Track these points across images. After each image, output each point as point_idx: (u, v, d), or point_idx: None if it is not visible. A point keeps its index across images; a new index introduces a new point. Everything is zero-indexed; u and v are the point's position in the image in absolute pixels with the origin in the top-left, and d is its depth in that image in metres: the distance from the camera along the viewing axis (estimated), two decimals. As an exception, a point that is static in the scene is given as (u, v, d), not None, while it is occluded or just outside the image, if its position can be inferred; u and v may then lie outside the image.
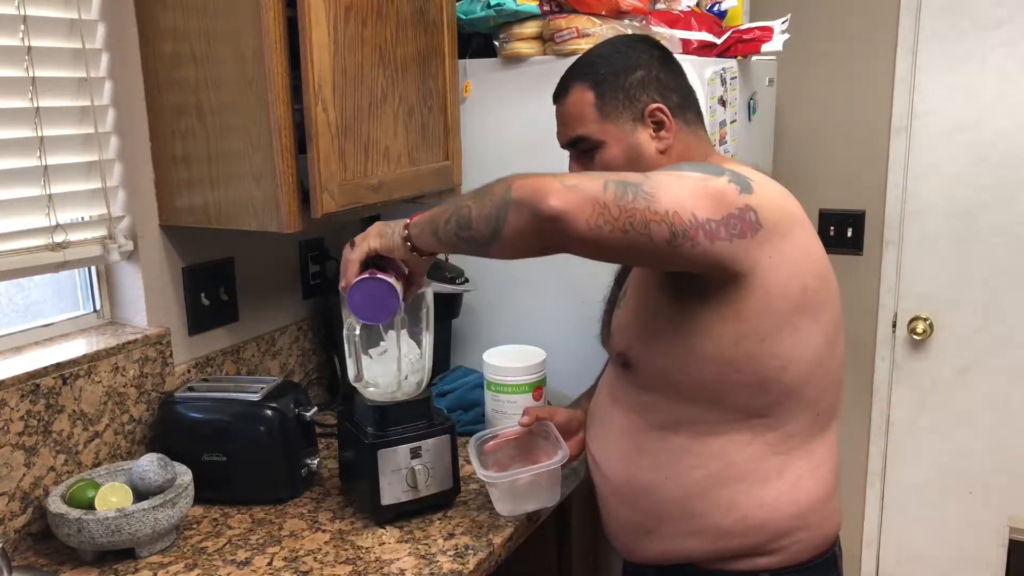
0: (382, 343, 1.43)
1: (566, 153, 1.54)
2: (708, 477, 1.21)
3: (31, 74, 1.35)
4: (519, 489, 1.37)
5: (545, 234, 1.05)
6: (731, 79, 1.90)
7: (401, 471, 1.43)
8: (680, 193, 1.06)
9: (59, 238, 1.42)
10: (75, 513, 1.27)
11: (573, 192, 1.02)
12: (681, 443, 1.23)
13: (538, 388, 1.58)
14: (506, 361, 1.61)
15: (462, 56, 1.83)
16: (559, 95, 1.32)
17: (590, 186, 1.03)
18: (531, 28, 1.78)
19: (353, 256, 1.26)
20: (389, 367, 1.43)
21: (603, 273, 1.79)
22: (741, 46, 1.94)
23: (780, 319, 1.14)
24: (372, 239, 1.27)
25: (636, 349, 1.24)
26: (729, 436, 1.20)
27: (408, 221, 1.24)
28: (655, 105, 1.25)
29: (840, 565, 1.32)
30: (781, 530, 1.22)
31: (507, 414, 1.59)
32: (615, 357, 1.30)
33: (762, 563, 1.23)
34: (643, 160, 1.24)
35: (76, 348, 1.46)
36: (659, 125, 1.25)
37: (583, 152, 1.29)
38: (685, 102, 1.28)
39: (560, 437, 1.38)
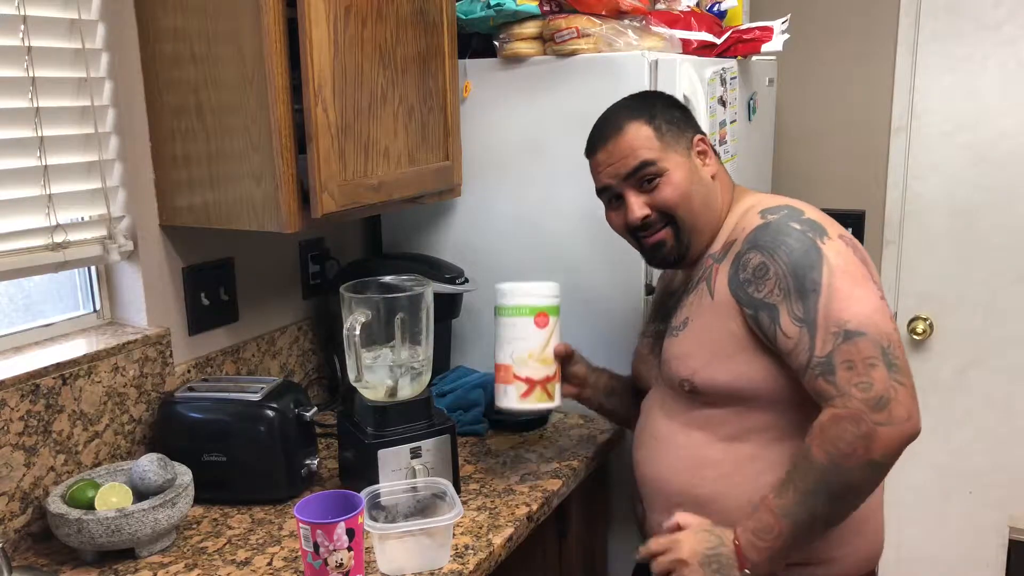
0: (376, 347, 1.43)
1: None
2: (774, 481, 1.21)
3: (31, 74, 1.35)
4: (409, 545, 1.27)
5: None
6: (731, 79, 1.90)
7: (401, 471, 1.43)
8: (866, 303, 1.14)
9: (59, 238, 1.42)
10: (75, 513, 1.27)
11: (914, 415, 1.12)
12: (748, 451, 1.25)
13: (542, 314, 1.43)
14: (512, 285, 1.47)
15: (462, 56, 1.83)
16: (610, 134, 1.33)
17: (908, 399, 1.11)
18: (531, 28, 1.78)
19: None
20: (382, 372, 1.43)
21: (603, 274, 1.79)
22: (741, 46, 1.94)
23: None
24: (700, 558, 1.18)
25: (703, 374, 1.27)
26: (796, 440, 1.20)
27: (736, 540, 1.17)
28: (699, 136, 1.35)
29: None
30: (837, 537, 1.23)
31: (507, 339, 1.45)
32: (676, 384, 1.31)
33: (816, 572, 1.25)
34: (702, 183, 1.32)
35: (76, 348, 1.46)
36: (703, 154, 1.34)
37: (645, 181, 1.31)
38: (708, 135, 1.39)
39: (457, 496, 1.32)
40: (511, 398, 1.44)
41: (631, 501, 1.49)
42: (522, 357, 1.42)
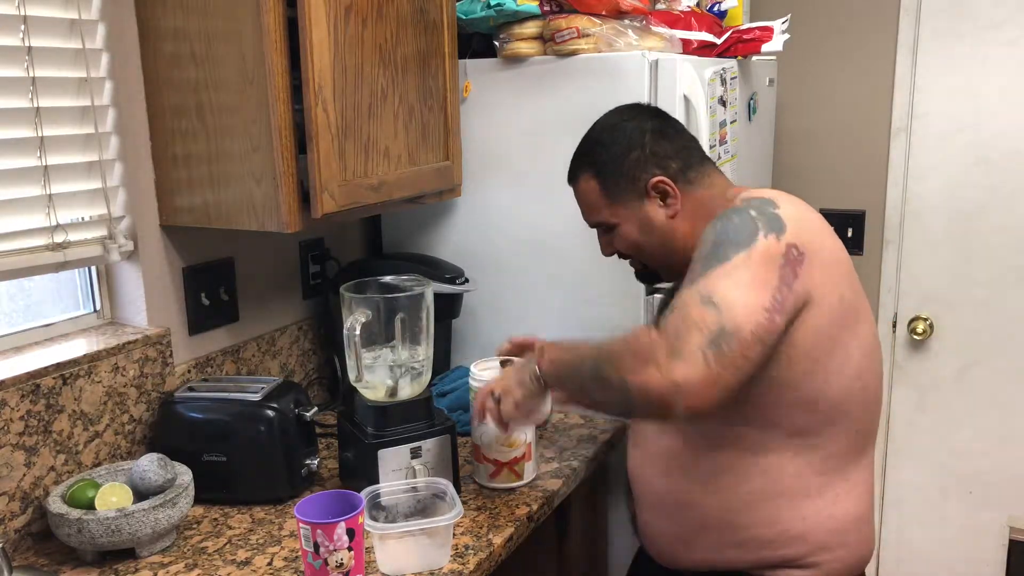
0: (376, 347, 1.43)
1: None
2: (751, 492, 1.24)
3: (31, 74, 1.35)
4: (408, 545, 1.27)
5: (680, 419, 1.16)
6: (731, 79, 1.90)
7: (401, 471, 1.43)
8: (747, 299, 1.11)
9: (59, 238, 1.42)
10: (75, 513, 1.27)
11: (687, 386, 1.07)
12: (725, 460, 1.25)
13: None
14: (483, 369, 1.54)
15: (462, 56, 1.83)
16: (571, 180, 1.40)
17: (696, 372, 1.07)
18: (531, 28, 1.78)
19: (498, 410, 1.31)
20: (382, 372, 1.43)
21: (603, 275, 1.79)
22: (741, 46, 1.94)
23: (828, 335, 1.19)
24: (515, 392, 1.29)
25: None
26: (773, 454, 1.23)
27: (539, 362, 1.27)
28: (656, 179, 1.30)
29: None
30: (820, 544, 1.25)
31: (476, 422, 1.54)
32: None
33: (797, 575, 1.26)
34: (656, 229, 1.32)
35: (76, 348, 1.46)
36: (664, 194, 1.31)
37: (605, 230, 1.37)
38: (687, 163, 1.32)
39: (457, 496, 1.33)
40: (482, 477, 1.53)
41: (626, 497, 1.50)
42: (489, 442, 1.51)
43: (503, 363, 1.51)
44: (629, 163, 1.31)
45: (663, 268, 1.37)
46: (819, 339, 1.18)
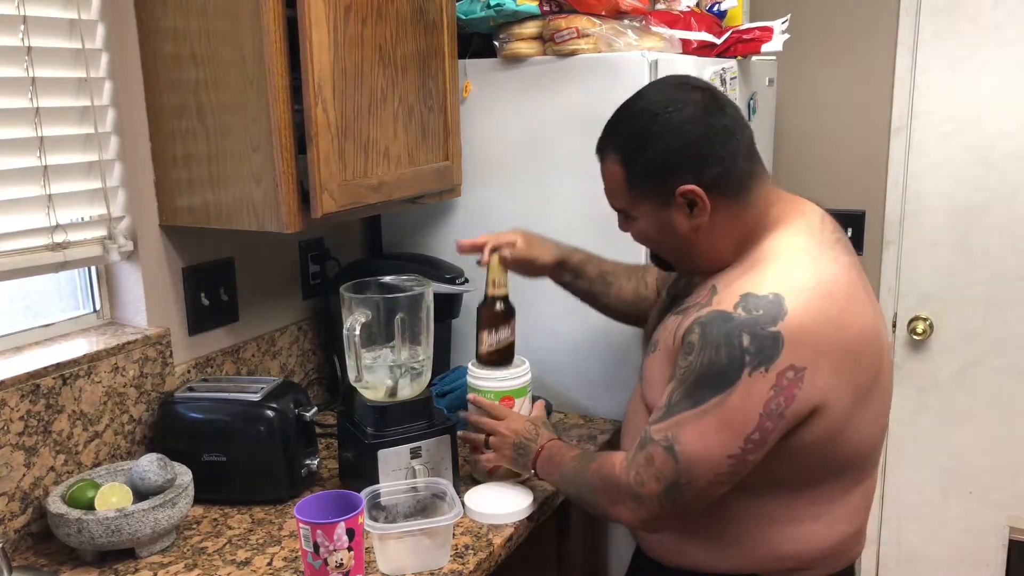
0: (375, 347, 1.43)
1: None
2: (743, 518, 1.22)
3: (31, 74, 1.35)
4: (408, 545, 1.28)
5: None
6: (731, 79, 1.90)
7: (401, 471, 1.43)
8: (708, 451, 1.12)
9: (59, 238, 1.42)
10: (75, 513, 1.27)
11: (648, 524, 1.21)
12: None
13: (506, 398, 1.53)
14: (482, 368, 1.57)
15: (462, 56, 1.83)
16: (598, 153, 1.26)
17: (653, 515, 1.19)
18: (531, 28, 1.78)
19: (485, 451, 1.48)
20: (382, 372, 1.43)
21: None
22: (741, 46, 1.94)
23: (841, 423, 1.15)
24: (507, 456, 1.45)
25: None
26: (764, 491, 1.20)
27: (541, 448, 1.40)
28: (686, 188, 1.16)
29: (855, 571, 1.35)
30: (812, 560, 1.24)
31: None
32: (645, 405, 1.29)
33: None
34: (676, 236, 1.21)
35: (76, 348, 1.46)
36: (692, 204, 1.17)
37: (624, 215, 1.28)
38: (728, 172, 1.16)
39: (457, 496, 1.34)
40: (480, 473, 1.55)
41: None
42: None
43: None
44: (662, 161, 1.17)
45: (678, 265, 1.30)
46: (831, 431, 1.14)
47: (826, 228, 1.23)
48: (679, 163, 1.16)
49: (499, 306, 1.51)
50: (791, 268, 1.13)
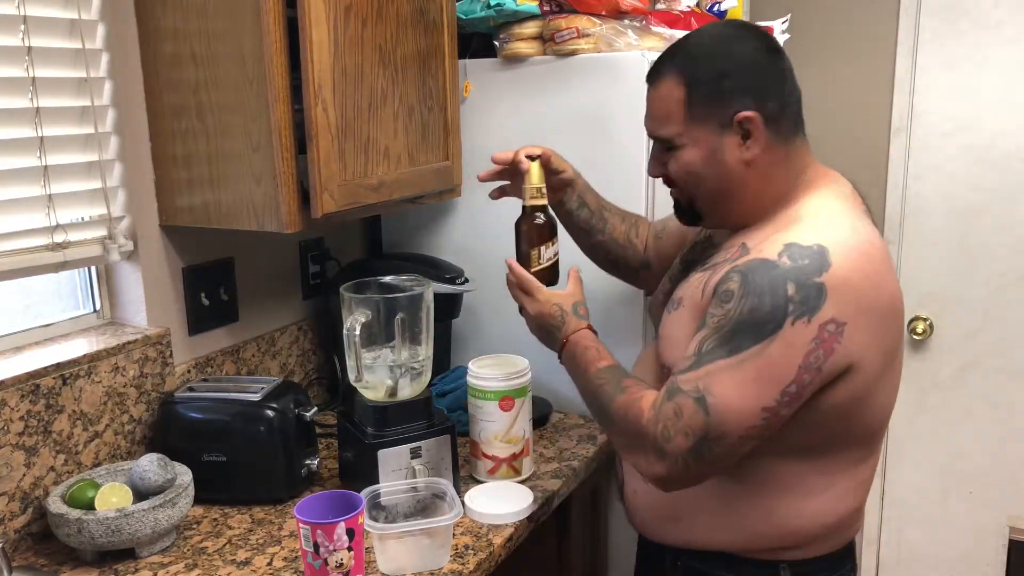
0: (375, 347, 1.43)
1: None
2: (751, 487, 1.21)
3: (31, 74, 1.35)
4: (408, 545, 1.28)
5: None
6: (731, 79, 1.90)
7: (401, 471, 1.43)
8: (743, 401, 1.09)
9: (59, 238, 1.42)
10: (75, 513, 1.27)
11: (667, 481, 1.15)
12: None
13: (506, 398, 1.53)
14: (481, 367, 1.58)
15: (462, 56, 1.83)
16: (651, 79, 1.22)
17: (675, 472, 1.13)
18: (531, 28, 1.78)
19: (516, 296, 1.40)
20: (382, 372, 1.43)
21: (603, 274, 1.79)
22: (741, 46, 1.94)
23: (868, 387, 1.15)
24: (531, 325, 1.38)
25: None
26: (779, 458, 1.19)
27: (565, 340, 1.32)
28: (747, 113, 1.15)
29: (855, 551, 1.34)
30: (815, 535, 1.24)
31: (475, 418, 1.56)
32: (660, 362, 1.27)
33: (787, 556, 1.25)
34: (722, 167, 1.18)
35: (76, 348, 1.46)
36: (747, 134, 1.17)
37: (665, 148, 1.23)
38: (785, 109, 1.20)
39: (457, 496, 1.34)
40: (480, 473, 1.56)
41: (615, 465, 1.47)
42: (488, 439, 1.54)
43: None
44: (727, 82, 1.15)
45: (708, 212, 1.25)
46: (858, 393, 1.14)
47: (857, 200, 1.24)
48: (743, 87, 1.16)
49: (542, 217, 1.41)
50: (832, 225, 1.14)
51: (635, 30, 1.75)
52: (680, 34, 1.84)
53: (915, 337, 2.56)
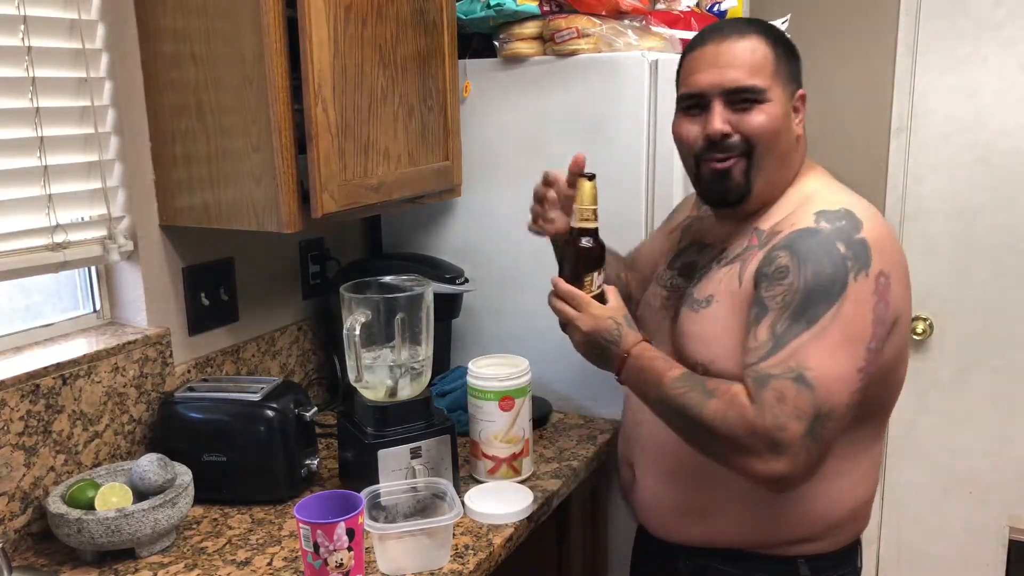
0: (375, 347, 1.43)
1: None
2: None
3: (31, 74, 1.35)
4: (408, 545, 1.28)
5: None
6: (731, 79, 1.90)
7: (401, 471, 1.43)
8: (840, 367, 1.08)
9: (59, 238, 1.42)
10: (75, 513, 1.27)
11: (792, 479, 1.08)
12: None
13: (506, 398, 1.53)
14: (481, 367, 1.58)
15: (462, 56, 1.83)
16: (730, 34, 1.21)
17: (799, 465, 1.07)
18: (531, 28, 1.78)
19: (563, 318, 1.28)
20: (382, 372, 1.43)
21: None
22: (741, 46, 1.94)
23: (900, 346, 1.18)
24: (580, 347, 1.27)
25: (721, 364, 1.20)
26: None
27: (627, 354, 1.22)
28: (803, 92, 1.26)
29: (862, 548, 1.35)
30: (836, 522, 1.24)
31: (475, 418, 1.56)
32: (689, 363, 1.23)
33: (806, 549, 1.25)
34: (790, 133, 1.23)
35: (76, 348, 1.46)
36: (797, 111, 1.25)
37: (741, 102, 1.20)
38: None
39: (457, 496, 1.33)
40: (480, 472, 1.57)
41: (618, 465, 1.47)
42: (488, 439, 1.54)
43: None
44: (795, 63, 1.26)
45: (764, 182, 1.23)
46: (894, 352, 1.16)
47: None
48: (800, 70, 1.26)
49: (590, 242, 1.31)
50: (842, 194, 1.22)
51: (635, 30, 1.75)
52: (680, 34, 1.85)
53: (915, 337, 2.56)
